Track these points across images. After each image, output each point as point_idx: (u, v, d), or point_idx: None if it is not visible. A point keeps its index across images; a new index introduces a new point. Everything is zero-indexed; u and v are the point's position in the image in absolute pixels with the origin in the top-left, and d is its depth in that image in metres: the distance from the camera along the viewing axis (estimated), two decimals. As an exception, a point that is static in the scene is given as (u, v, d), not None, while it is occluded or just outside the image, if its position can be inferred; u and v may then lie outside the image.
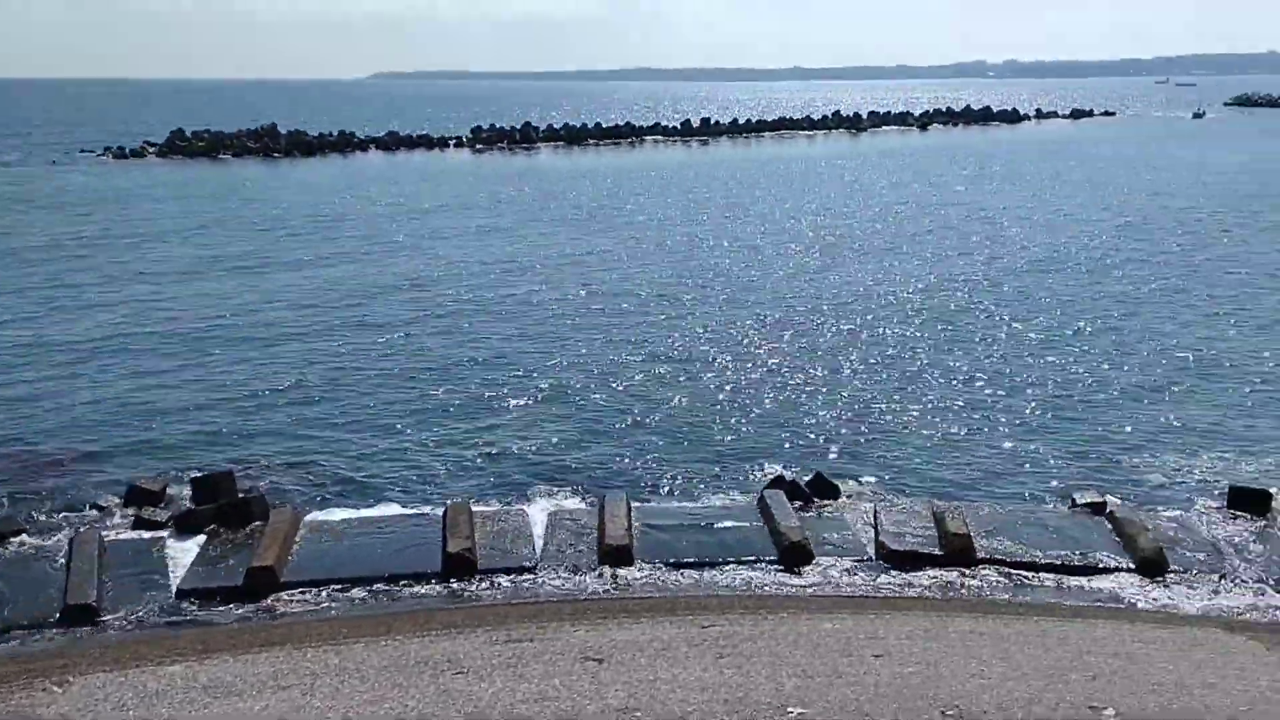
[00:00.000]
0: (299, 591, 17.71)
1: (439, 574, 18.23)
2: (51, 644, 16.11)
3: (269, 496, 21.27)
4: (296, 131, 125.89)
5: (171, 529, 20.09)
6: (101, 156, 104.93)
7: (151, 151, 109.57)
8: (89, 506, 21.28)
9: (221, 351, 32.64)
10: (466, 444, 24.91)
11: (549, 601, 17.23)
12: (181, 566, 18.60)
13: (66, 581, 17.58)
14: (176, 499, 21.46)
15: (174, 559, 18.94)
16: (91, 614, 16.82)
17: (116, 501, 21.34)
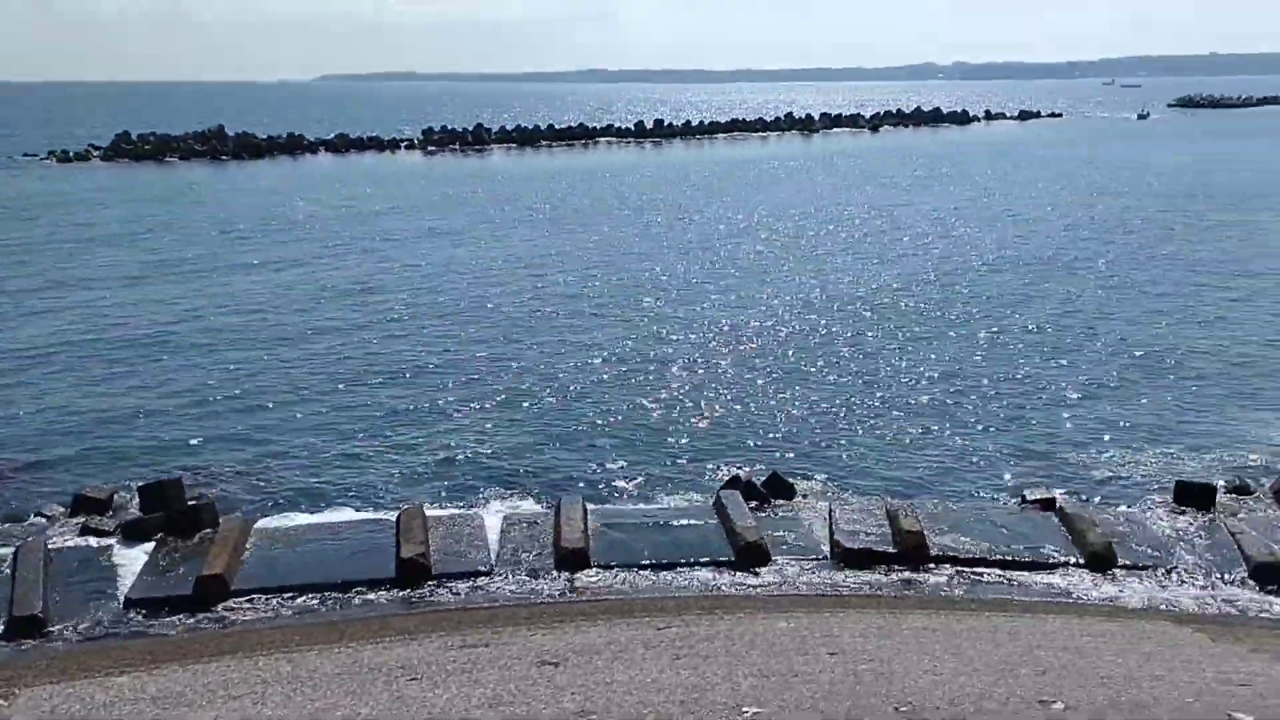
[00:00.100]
0: (250, 599, 17.52)
1: (393, 579, 18.11)
2: (-4, 656, 15.78)
3: (219, 504, 21.03)
4: (244, 134, 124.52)
5: (119, 537, 19.78)
6: (45, 160, 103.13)
7: (96, 155, 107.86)
8: (34, 515, 20.91)
9: (169, 358, 32.18)
10: (420, 448, 24.76)
11: (504, 606, 17.17)
12: (130, 575, 18.33)
13: (12, 592, 17.27)
14: (124, 507, 21.15)
15: (122, 568, 18.67)
16: (38, 625, 16.53)
17: (62, 510, 20.99)
